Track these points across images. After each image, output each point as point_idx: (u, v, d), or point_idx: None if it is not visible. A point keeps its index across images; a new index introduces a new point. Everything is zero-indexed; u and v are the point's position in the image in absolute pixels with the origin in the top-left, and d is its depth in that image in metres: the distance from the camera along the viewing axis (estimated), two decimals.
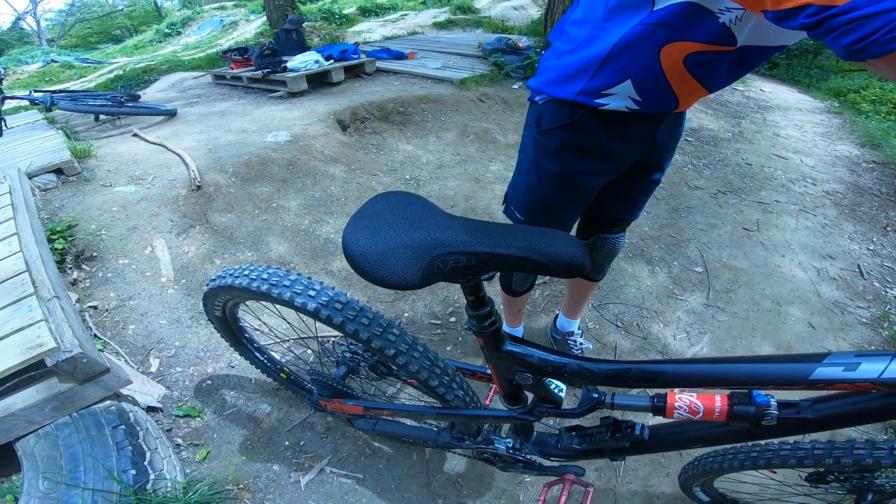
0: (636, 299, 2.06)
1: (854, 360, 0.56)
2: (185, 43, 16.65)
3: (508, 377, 0.82)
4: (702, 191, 3.04)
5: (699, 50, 0.79)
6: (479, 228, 0.65)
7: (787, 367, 0.60)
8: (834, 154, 3.88)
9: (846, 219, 2.83)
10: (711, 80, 0.86)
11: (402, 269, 0.61)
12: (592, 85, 0.90)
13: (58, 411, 1.24)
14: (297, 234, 2.34)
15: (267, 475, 1.34)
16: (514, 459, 0.99)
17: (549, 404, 0.85)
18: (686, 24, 0.75)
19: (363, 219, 0.67)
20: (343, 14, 11.93)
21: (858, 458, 0.73)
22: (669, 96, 0.89)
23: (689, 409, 0.69)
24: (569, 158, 1.03)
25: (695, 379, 0.67)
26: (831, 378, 0.56)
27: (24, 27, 25.14)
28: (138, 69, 7.49)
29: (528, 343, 0.79)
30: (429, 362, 0.90)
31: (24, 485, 1.13)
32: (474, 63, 4.97)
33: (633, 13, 0.79)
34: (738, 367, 0.64)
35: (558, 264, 0.61)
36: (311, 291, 0.87)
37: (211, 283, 1.05)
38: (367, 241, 0.63)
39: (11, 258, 1.48)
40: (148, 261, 1.97)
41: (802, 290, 2.18)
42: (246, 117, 3.44)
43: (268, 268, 0.95)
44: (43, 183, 2.28)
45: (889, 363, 0.53)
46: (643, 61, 0.82)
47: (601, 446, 0.87)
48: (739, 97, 5.51)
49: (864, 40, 0.50)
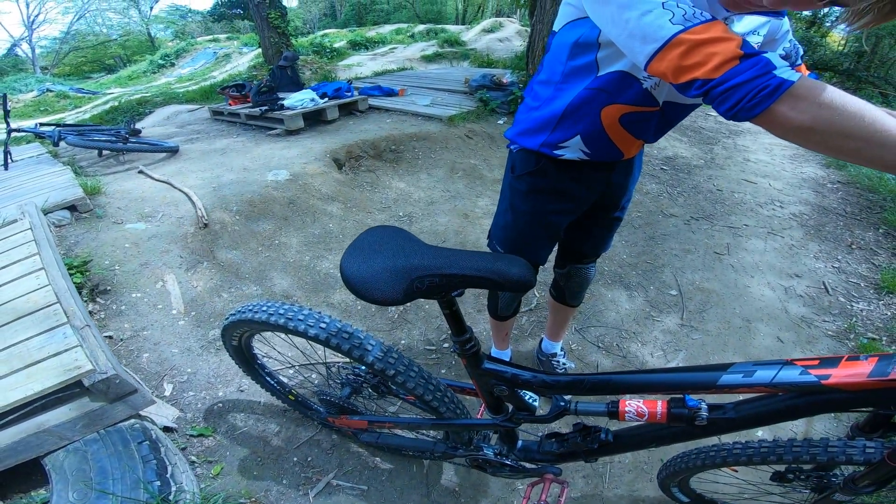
0: (615, 322, 2.22)
1: (752, 368, 0.69)
2: (178, 74, 16.94)
3: (489, 390, 0.97)
4: (676, 218, 3.24)
5: (630, 111, 0.98)
6: (448, 255, 0.81)
7: (701, 375, 0.74)
8: (801, 176, 4.11)
9: (812, 239, 3.01)
10: (644, 134, 1.06)
11: (388, 289, 0.78)
12: (551, 139, 1.09)
13: (87, 428, 1.36)
14: (298, 270, 2.48)
15: (277, 489, 1.44)
16: (502, 464, 1.13)
17: (525, 412, 1.01)
18: (618, 89, 0.94)
19: (356, 249, 0.85)
20: (334, 48, 12.27)
21: (813, 455, 0.83)
22: (613, 148, 1.07)
23: (636, 413, 0.84)
24: (538, 200, 1.21)
25: (634, 386, 0.82)
26: (733, 383, 0.70)
27: (19, 54, 25.37)
28: (133, 101, 7.68)
29: (501, 361, 0.96)
30: (423, 380, 1.05)
31: (52, 497, 1.22)
32: (461, 99, 5.22)
33: (582, 78, 0.97)
34: (667, 376, 0.79)
35: (510, 281, 0.77)
36: (322, 324, 1.03)
37: (231, 316, 1.19)
38: (359, 267, 0.81)
39: (41, 290, 1.62)
40: (159, 294, 2.09)
41: (771, 307, 2.34)
42: (246, 155, 3.60)
43: (283, 304, 1.10)
44: (57, 219, 2.41)
45: (779, 370, 0.67)
46: (588, 120, 1.01)
47: (575, 449, 1.02)
48: (712, 122, 5.78)
49: (735, 106, 0.62)
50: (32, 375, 1.33)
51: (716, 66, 0.62)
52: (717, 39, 0.63)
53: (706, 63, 0.63)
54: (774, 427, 1.64)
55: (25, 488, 1.37)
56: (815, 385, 0.65)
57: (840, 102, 0.58)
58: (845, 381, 0.63)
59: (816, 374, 0.65)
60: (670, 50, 0.65)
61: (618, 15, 0.72)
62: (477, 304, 2.31)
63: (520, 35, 14.43)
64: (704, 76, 0.63)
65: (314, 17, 30.46)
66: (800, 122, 0.60)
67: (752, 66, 0.61)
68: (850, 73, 8.62)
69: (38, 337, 1.44)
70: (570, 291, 1.58)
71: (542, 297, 2.35)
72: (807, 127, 0.60)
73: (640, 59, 0.71)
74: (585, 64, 0.95)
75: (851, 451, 0.80)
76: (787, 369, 0.67)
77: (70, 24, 25.40)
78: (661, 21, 0.66)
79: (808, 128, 0.60)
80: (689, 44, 0.64)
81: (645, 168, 4.03)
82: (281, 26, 8.14)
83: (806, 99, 0.59)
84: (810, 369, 0.66)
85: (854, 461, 0.81)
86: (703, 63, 0.63)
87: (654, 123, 1.03)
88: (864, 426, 0.78)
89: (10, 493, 1.36)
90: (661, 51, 0.66)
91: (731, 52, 0.62)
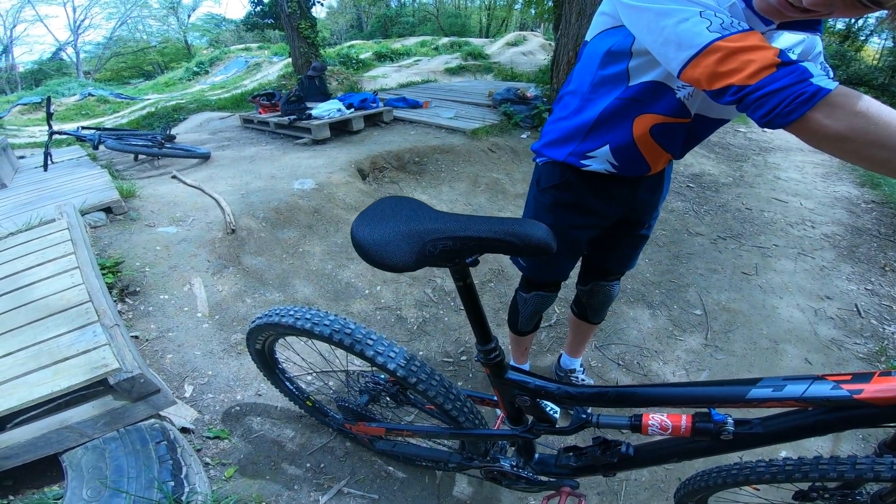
0: (637, 340, 2.18)
1: (781, 382, 0.68)
2: (211, 82, 17.54)
3: (511, 400, 0.96)
4: (702, 237, 3.17)
5: (662, 122, 0.96)
6: (463, 219, 0.76)
7: (729, 389, 0.73)
8: (833, 195, 4.00)
9: (844, 260, 2.92)
10: (673, 147, 1.04)
11: (399, 254, 0.72)
12: (580, 148, 1.08)
13: (108, 426, 1.38)
14: (320, 278, 2.51)
15: (288, 494, 1.45)
16: (518, 476, 1.11)
17: (546, 423, 0.99)
18: (652, 99, 0.94)
19: (368, 215, 0.80)
20: (360, 59, 12.54)
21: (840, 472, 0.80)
22: (640, 161, 1.06)
23: (660, 427, 0.82)
24: (560, 214, 1.20)
25: (659, 399, 0.80)
26: (762, 397, 0.69)
27: (64, 58, 26.65)
28: (168, 107, 7.99)
29: (524, 372, 0.95)
30: (444, 389, 1.05)
31: (66, 493, 1.24)
32: (485, 113, 5.26)
33: (612, 88, 0.97)
34: (694, 390, 0.77)
35: (529, 245, 0.71)
36: (347, 329, 1.03)
37: (258, 319, 1.21)
38: (370, 232, 0.76)
39: (75, 289, 1.69)
40: (186, 297, 2.15)
41: (800, 329, 2.28)
42: (274, 163, 3.68)
43: (310, 309, 1.11)
44: (93, 220, 2.51)
45: (810, 385, 0.66)
46: (620, 129, 1.00)
47: (594, 462, 0.99)
48: (742, 139, 5.69)
49: (770, 112, 0.62)
50: (60, 372, 1.37)
51: (753, 72, 0.62)
52: (755, 48, 0.63)
53: (743, 70, 0.63)
54: (797, 446, 1.59)
55: (39, 485, 1.39)
56: (847, 400, 0.64)
57: (876, 112, 0.58)
58: (878, 396, 0.62)
59: (848, 389, 0.64)
60: (706, 56, 0.66)
61: (654, 22, 0.72)
62: (497, 318, 2.30)
63: (543, 49, 14.49)
64: (741, 82, 0.63)
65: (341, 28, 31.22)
66: (835, 131, 0.59)
67: (789, 73, 0.61)
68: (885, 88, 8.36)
69: (69, 334, 1.49)
70: (593, 308, 1.56)
71: (563, 314, 2.32)
72: (842, 135, 0.59)
73: (675, 66, 0.71)
74: (617, 73, 0.94)
75: (880, 467, 0.78)
76: (818, 384, 0.66)
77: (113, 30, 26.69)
78: (698, 28, 0.67)
79: (843, 136, 0.59)
80: (726, 51, 0.64)
81: (670, 185, 3.96)
82: (311, 37, 8.37)
83: (842, 107, 0.59)
84: (842, 384, 0.65)
85: (882, 478, 0.78)
86: (739, 69, 0.63)
87: (682, 137, 1.02)
88: (891, 443, 0.77)
89: (24, 488, 1.38)
90: (697, 57, 0.67)
91: (768, 59, 0.62)
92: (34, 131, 9.56)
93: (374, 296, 2.41)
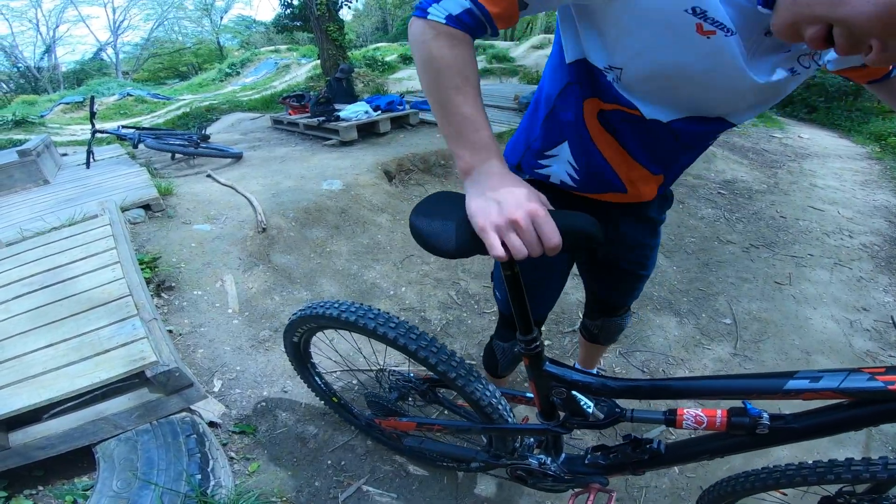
0: (663, 347, 2.14)
1: (818, 374, 0.69)
2: (242, 83, 18.02)
3: (545, 393, 0.96)
4: (734, 245, 3.09)
5: (608, 108, 0.82)
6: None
7: (766, 381, 0.73)
8: (873, 204, 3.85)
9: (882, 271, 2.82)
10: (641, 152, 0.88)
11: (454, 239, 0.73)
12: (535, 145, 0.94)
13: (142, 419, 1.43)
14: (346, 278, 2.55)
15: (309, 490, 1.48)
16: (545, 474, 1.11)
17: (579, 417, 0.98)
18: (587, 81, 0.81)
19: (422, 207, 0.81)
20: (385, 61, 12.66)
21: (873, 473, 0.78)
22: (606, 168, 0.90)
23: (695, 421, 0.81)
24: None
25: (694, 391, 0.80)
26: (800, 388, 0.69)
27: (104, 58, 27.80)
28: (202, 108, 8.25)
29: (562, 364, 0.95)
30: (482, 386, 1.07)
31: (97, 484, 1.28)
32: (511, 116, 5.24)
33: (562, 74, 0.84)
34: (730, 382, 0.78)
35: (575, 232, 0.70)
36: (391, 324, 1.06)
37: (300, 311, 1.22)
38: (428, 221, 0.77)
39: (116, 283, 1.76)
40: (217, 293, 2.22)
41: (834, 340, 2.21)
42: (303, 164, 3.76)
43: (354, 303, 1.13)
44: (133, 217, 2.62)
45: (846, 377, 0.67)
46: (572, 113, 0.86)
47: (624, 460, 0.98)
48: (777, 145, 5.52)
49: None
50: (100, 364, 1.42)
51: None
52: None
53: None
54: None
55: (69, 475, 1.44)
56: (882, 391, 0.64)
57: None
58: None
59: (883, 381, 0.65)
60: None
61: None
62: None
63: None
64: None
65: (367, 30, 31.60)
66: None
67: None
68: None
69: (109, 327, 1.56)
70: (605, 337, 1.50)
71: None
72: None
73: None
74: (557, 52, 0.85)
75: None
76: (854, 375, 0.67)
77: (150, 31, 27.70)
78: None
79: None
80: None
81: (700, 192, 3.88)
82: (339, 39, 8.50)
83: None
84: (878, 376, 0.65)
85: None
86: None
87: (652, 140, 0.85)
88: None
89: (54, 479, 1.43)
90: None
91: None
92: (75, 130, 10.01)
93: (398, 297, 2.44)
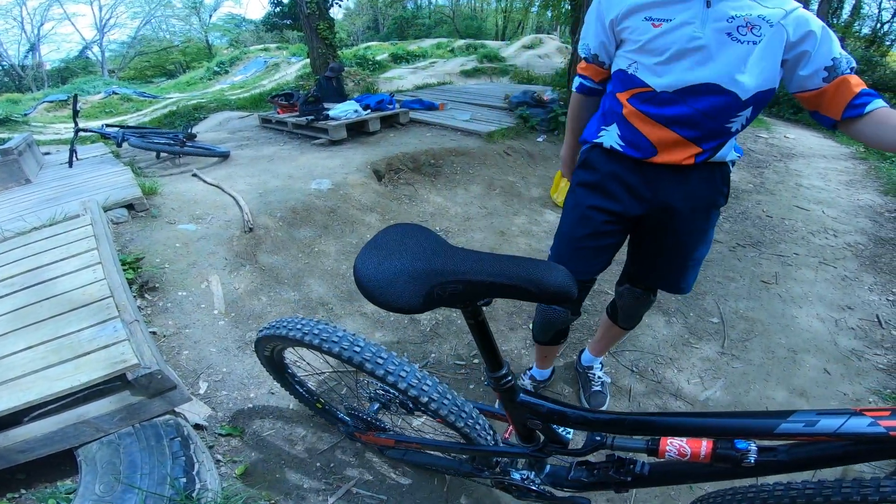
0: (651, 347, 2.15)
1: (815, 417, 0.65)
2: (231, 82, 17.82)
3: (522, 422, 0.95)
4: (720, 244, 3.12)
5: (633, 93, 1.10)
6: (475, 259, 0.70)
7: (757, 421, 0.70)
8: (857, 204, 3.91)
9: (866, 270, 2.86)
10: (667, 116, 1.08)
11: (406, 296, 0.69)
12: (600, 123, 1.21)
13: (124, 421, 1.39)
14: (335, 278, 2.53)
15: (297, 493, 1.45)
16: (528, 489, 1.10)
17: (558, 444, 0.98)
18: (618, 81, 1.14)
19: (373, 248, 0.76)
20: (376, 60, 12.61)
21: (864, 495, 0.76)
22: (638, 135, 1.12)
23: (678, 452, 0.79)
24: (581, 193, 1.26)
25: (680, 429, 0.78)
26: (793, 431, 0.66)
27: (90, 56, 27.27)
28: (189, 106, 8.15)
29: (537, 395, 0.93)
30: (456, 407, 1.04)
31: (79, 488, 1.24)
32: (501, 116, 5.24)
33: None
34: (718, 421, 0.74)
35: (545, 291, 0.65)
36: (356, 347, 1.01)
37: (264, 330, 1.19)
38: (375, 269, 0.72)
39: (97, 284, 1.72)
40: (203, 294, 2.18)
41: (819, 339, 2.24)
42: (292, 163, 3.72)
43: (318, 322, 1.09)
44: (116, 217, 2.56)
45: (846, 420, 0.63)
46: (614, 102, 1.16)
47: (607, 480, 0.97)
48: (763, 145, 5.59)
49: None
50: (80, 367, 1.38)
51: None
52: None
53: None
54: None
55: (52, 479, 1.40)
56: (884, 437, 0.61)
57: None
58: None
59: (886, 427, 0.61)
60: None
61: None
62: (510, 322, 2.29)
63: (560, 52, 14.42)
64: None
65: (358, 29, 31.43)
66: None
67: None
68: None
69: (90, 329, 1.52)
70: (623, 312, 1.58)
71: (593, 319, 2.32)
72: None
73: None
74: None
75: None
76: (855, 419, 0.63)
77: (137, 29, 27.22)
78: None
79: None
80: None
81: None
82: (329, 38, 8.44)
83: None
84: (880, 420, 0.62)
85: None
86: None
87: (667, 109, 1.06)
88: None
89: (36, 482, 1.39)
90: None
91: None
92: (59, 128, 9.83)
93: None
